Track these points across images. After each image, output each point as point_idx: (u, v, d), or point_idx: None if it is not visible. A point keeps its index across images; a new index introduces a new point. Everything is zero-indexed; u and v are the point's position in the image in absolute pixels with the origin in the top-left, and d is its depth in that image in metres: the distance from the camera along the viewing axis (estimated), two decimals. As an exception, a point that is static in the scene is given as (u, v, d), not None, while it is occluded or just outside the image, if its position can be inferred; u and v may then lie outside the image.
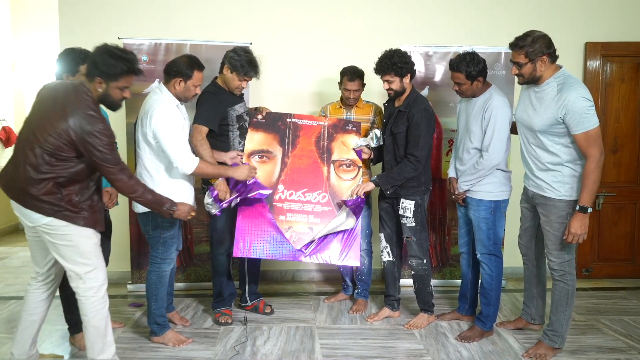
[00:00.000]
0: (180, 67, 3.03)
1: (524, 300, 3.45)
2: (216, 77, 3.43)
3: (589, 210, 2.85)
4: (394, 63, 3.24)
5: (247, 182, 3.23)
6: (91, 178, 2.64)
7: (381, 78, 3.34)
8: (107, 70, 2.51)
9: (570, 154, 2.91)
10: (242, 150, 3.39)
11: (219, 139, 3.35)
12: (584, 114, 2.78)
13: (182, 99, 3.09)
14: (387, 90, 3.35)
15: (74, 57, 3.03)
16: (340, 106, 3.78)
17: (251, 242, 3.28)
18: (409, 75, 3.33)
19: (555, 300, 3.09)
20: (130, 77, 2.60)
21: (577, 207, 2.86)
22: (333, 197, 3.39)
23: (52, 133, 2.45)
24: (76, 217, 2.56)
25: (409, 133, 3.30)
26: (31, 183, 2.49)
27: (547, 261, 3.15)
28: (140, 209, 3.06)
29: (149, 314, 3.25)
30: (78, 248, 2.59)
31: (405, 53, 3.32)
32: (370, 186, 3.39)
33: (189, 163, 2.98)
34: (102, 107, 2.64)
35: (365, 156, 3.52)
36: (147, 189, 2.77)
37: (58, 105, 2.50)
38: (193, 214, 3.00)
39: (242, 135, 3.42)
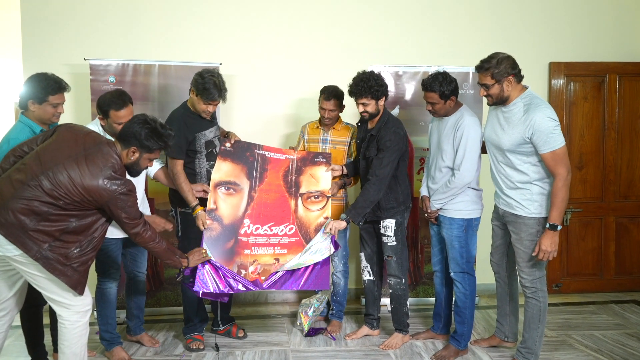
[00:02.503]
0: (99, 104, 3.02)
1: (497, 318, 3.47)
2: (187, 100, 3.34)
3: (559, 227, 2.89)
4: (370, 86, 3.24)
5: (234, 285, 3.18)
6: (94, 232, 2.57)
7: (356, 101, 3.34)
8: (149, 144, 2.59)
9: (538, 172, 2.96)
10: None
11: (186, 165, 3.26)
12: (550, 133, 2.83)
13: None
14: (362, 113, 3.34)
15: (45, 85, 2.88)
16: (318, 126, 3.76)
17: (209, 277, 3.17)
18: (383, 98, 3.34)
19: (527, 317, 3.11)
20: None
21: (547, 225, 2.90)
22: (300, 228, 3.35)
23: (75, 184, 2.40)
24: (60, 272, 2.45)
25: (377, 156, 3.31)
26: (24, 213, 2.37)
27: (518, 278, 3.17)
28: None
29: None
30: (59, 282, 2.49)
31: (380, 75, 3.33)
32: (343, 224, 3.31)
33: None
34: None
35: (337, 173, 3.49)
36: (161, 237, 2.77)
37: (89, 158, 2.47)
38: (207, 257, 3.10)
39: (211, 162, 3.32)
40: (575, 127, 4.62)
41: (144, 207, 3.26)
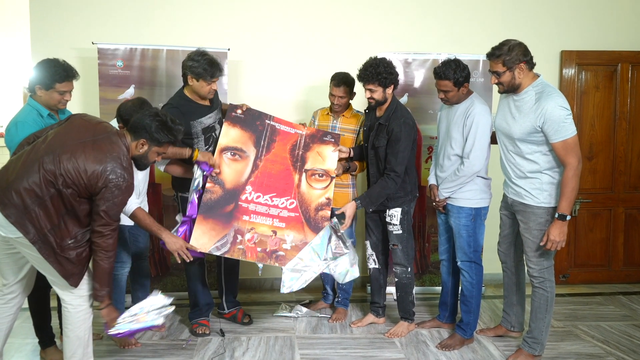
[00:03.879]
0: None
1: (504, 307, 3.46)
2: (182, 88, 3.32)
3: (568, 217, 2.87)
4: (379, 73, 3.20)
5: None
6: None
7: (364, 86, 3.31)
8: (159, 137, 2.59)
9: (548, 161, 2.93)
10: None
11: None
12: (562, 122, 2.80)
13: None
14: (369, 99, 3.31)
15: (53, 72, 2.86)
16: (328, 113, 3.74)
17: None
18: (392, 86, 3.30)
19: (534, 307, 3.10)
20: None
21: (556, 215, 2.87)
22: (301, 204, 3.31)
23: (76, 167, 2.40)
24: (53, 260, 2.45)
25: (388, 147, 3.28)
26: (25, 193, 2.37)
27: (526, 268, 3.15)
28: None
29: None
30: None
31: (391, 63, 3.29)
32: (353, 207, 3.32)
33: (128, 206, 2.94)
34: None
35: (343, 155, 3.47)
36: (113, 260, 2.62)
37: (96, 144, 2.47)
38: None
39: (211, 149, 3.31)
40: (586, 116, 4.57)
41: (143, 205, 3.26)
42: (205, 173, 3.16)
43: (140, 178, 3.21)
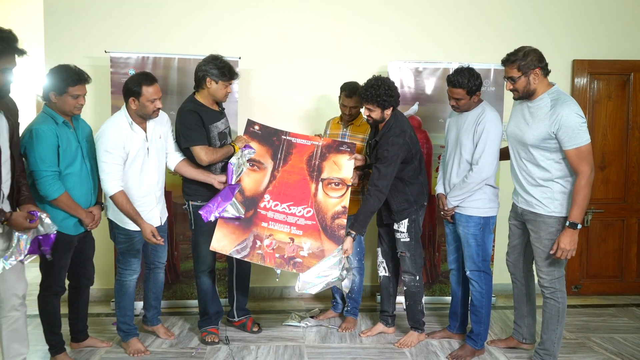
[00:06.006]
0: (129, 86, 3.06)
1: (515, 319, 3.42)
2: (194, 93, 3.37)
3: (579, 226, 2.85)
4: (378, 95, 3.19)
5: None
6: None
7: (363, 104, 3.31)
8: None
9: (561, 169, 2.91)
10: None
11: None
12: (577, 129, 2.79)
13: (143, 116, 3.12)
14: (367, 117, 3.33)
15: (65, 76, 2.89)
16: (339, 122, 3.77)
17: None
18: (391, 108, 3.29)
19: (546, 318, 3.07)
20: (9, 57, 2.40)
21: (567, 223, 2.85)
22: (317, 213, 3.36)
23: None
24: None
25: (375, 166, 3.30)
26: None
27: (537, 279, 3.12)
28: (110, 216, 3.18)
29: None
30: None
31: (392, 84, 3.27)
32: (349, 242, 3.27)
33: (109, 187, 3.01)
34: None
35: (359, 163, 3.47)
36: None
37: None
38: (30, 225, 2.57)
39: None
40: (598, 126, 4.54)
41: (162, 211, 3.35)
42: (248, 152, 3.33)
43: (154, 182, 3.23)
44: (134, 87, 3.04)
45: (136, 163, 3.11)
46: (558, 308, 3.02)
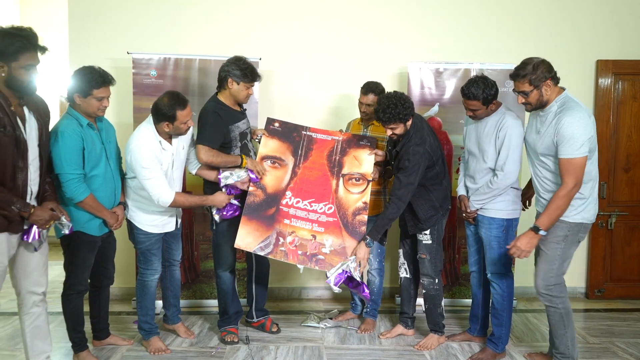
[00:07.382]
0: (163, 112, 3.03)
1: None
2: (216, 93, 3.39)
3: (542, 232, 2.85)
4: (398, 113, 3.14)
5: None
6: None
7: (385, 126, 3.26)
8: (4, 48, 2.38)
9: None
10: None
11: None
12: (572, 140, 2.74)
13: (174, 136, 3.16)
14: (391, 135, 3.27)
15: (89, 78, 2.89)
16: (359, 122, 3.76)
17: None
18: (411, 118, 3.26)
19: (551, 325, 3.06)
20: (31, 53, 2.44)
21: (531, 226, 2.86)
22: (339, 209, 3.37)
23: None
24: None
25: (396, 175, 3.29)
26: None
27: (534, 283, 3.07)
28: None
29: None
30: None
31: (403, 96, 3.21)
32: (363, 249, 3.25)
33: (165, 197, 3.07)
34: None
35: (379, 158, 3.46)
36: None
37: None
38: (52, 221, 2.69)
39: (245, 154, 3.39)
40: (622, 127, 4.46)
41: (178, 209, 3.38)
42: (251, 178, 3.31)
43: (175, 177, 3.26)
44: (169, 113, 3.02)
45: None
46: (560, 314, 2.98)
